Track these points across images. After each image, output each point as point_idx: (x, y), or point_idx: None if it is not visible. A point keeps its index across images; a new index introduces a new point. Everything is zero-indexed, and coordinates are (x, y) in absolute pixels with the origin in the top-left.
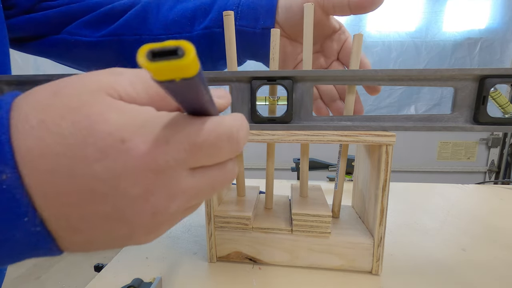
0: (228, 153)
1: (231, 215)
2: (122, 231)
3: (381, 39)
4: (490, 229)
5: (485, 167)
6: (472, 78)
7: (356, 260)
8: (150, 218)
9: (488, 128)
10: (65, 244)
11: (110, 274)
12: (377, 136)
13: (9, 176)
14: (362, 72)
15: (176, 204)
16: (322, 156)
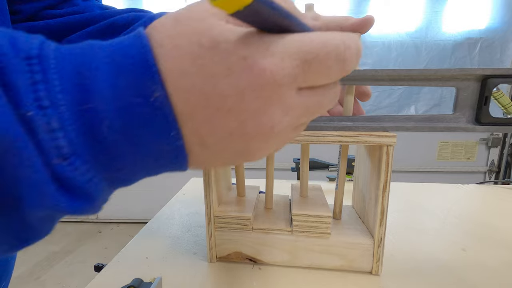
0: (334, 73)
1: (231, 216)
2: (242, 145)
3: (381, 39)
4: (490, 229)
5: (485, 167)
6: (474, 78)
7: (356, 261)
8: (267, 131)
9: (490, 128)
10: (192, 159)
11: (110, 274)
12: (378, 136)
13: (160, 93)
14: (362, 72)
15: (288, 119)
16: (322, 156)
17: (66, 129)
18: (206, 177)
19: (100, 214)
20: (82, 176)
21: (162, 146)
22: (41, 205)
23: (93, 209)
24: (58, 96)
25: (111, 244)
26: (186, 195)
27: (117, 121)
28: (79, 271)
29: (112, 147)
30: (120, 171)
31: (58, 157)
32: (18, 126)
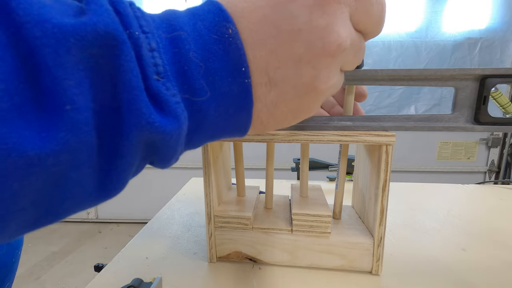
0: (375, 14)
1: (231, 215)
2: (310, 74)
3: (381, 39)
4: (490, 229)
5: (485, 167)
6: (473, 78)
7: (356, 260)
8: (335, 50)
9: (489, 128)
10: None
11: (110, 274)
12: (377, 136)
13: (233, 29)
14: (362, 72)
15: (350, 40)
16: (322, 156)
17: (161, 51)
18: (206, 176)
19: (100, 214)
20: (173, 97)
21: (232, 86)
22: (138, 123)
23: (179, 135)
24: (153, 27)
25: (111, 244)
26: (186, 195)
27: (198, 53)
28: (79, 271)
29: (192, 80)
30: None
31: (156, 73)
32: (126, 36)
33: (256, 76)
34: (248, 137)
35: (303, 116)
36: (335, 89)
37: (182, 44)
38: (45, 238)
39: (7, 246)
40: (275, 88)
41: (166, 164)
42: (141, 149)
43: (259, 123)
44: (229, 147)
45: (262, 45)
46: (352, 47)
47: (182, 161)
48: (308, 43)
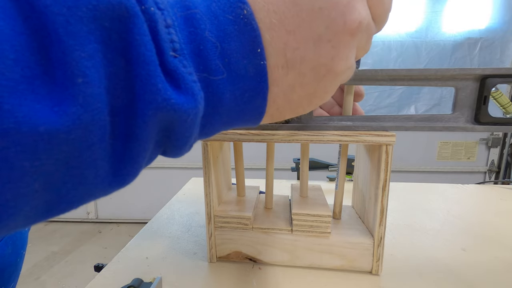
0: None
1: (231, 215)
2: (329, 54)
3: (381, 39)
4: (490, 229)
5: (485, 167)
6: (473, 78)
7: (356, 260)
8: (355, 28)
9: (489, 128)
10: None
11: (110, 274)
12: (377, 136)
13: (247, 9)
14: (362, 72)
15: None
16: (322, 156)
17: (177, 29)
18: (206, 176)
19: (100, 214)
20: (190, 75)
21: (248, 68)
22: (153, 100)
23: (195, 115)
24: (168, 5)
25: (111, 244)
26: (186, 195)
27: (213, 33)
28: (79, 271)
29: (208, 60)
30: (213, 95)
31: (172, 50)
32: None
33: (273, 58)
34: (248, 137)
35: (318, 102)
36: (349, 75)
37: (197, 23)
38: (45, 238)
39: (13, 246)
40: (292, 70)
41: (180, 150)
42: (156, 131)
43: (275, 109)
44: (229, 147)
45: (280, 25)
46: (367, 30)
47: (182, 161)
48: (329, 21)
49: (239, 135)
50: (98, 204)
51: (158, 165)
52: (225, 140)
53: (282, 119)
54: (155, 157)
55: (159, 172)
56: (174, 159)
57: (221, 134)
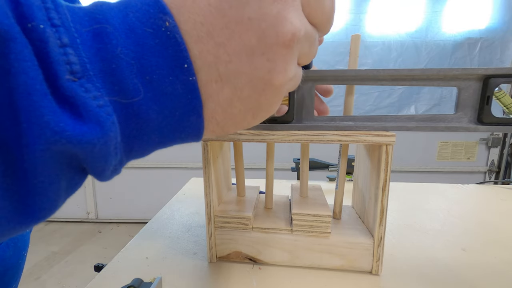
0: (327, 8)
1: (231, 215)
2: (265, 67)
3: (381, 39)
4: (490, 229)
5: (485, 167)
6: (476, 77)
7: (356, 260)
8: (289, 40)
9: (492, 128)
10: (207, 109)
11: (110, 274)
12: (377, 136)
13: (170, 21)
14: (363, 72)
15: (303, 32)
16: (322, 156)
17: (78, 47)
18: (206, 176)
19: (100, 214)
20: (94, 99)
21: (175, 84)
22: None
23: (105, 143)
24: (71, 20)
25: (111, 244)
26: (186, 195)
27: (129, 49)
28: (79, 271)
29: (123, 79)
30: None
31: (69, 73)
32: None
33: (204, 72)
34: (248, 137)
35: (264, 115)
36: (295, 84)
37: (108, 39)
38: (45, 238)
39: (14, 248)
40: (228, 84)
41: (102, 177)
42: (61, 161)
43: (215, 125)
44: (229, 147)
45: (208, 38)
46: (307, 39)
47: (182, 161)
48: (260, 33)
49: (239, 135)
50: (98, 204)
51: (158, 165)
52: (225, 140)
53: (226, 134)
54: (80, 182)
55: (159, 172)
56: (174, 159)
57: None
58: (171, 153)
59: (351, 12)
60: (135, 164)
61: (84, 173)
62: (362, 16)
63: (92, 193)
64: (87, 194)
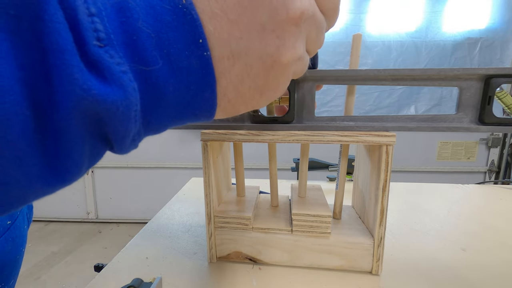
0: None
1: (231, 215)
2: (275, 44)
3: (381, 39)
4: (490, 229)
5: (485, 167)
6: (477, 77)
7: (356, 260)
8: (298, 18)
9: (493, 128)
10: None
11: (110, 274)
12: (377, 136)
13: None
14: (364, 72)
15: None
16: (322, 156)
17: (104, 18)
18: (206, 176)
19: (100, 214)
20: (118, 65)
21: (191, 59)
22: (71, 91)
23: (126, 107)
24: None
25: (111, 244)
26: (186, 195)
27: (149, 23)
28: (79, 271)
29: (143, 51)
30: (153, 88)
31: (96, 39)
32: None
33: (217, 49)
34: (248, 137)
35: (271, 94)
36: (302, 68)
37: (130, 13)
38: (45, 238)
39: (12, 243)
40: (239, 61)
41: (122, 145)
42: (87, 124)
43: (227, 102)
44: (229, 147)
45: (222, 15)
46: (315, 22)
47: (182, 161)
48: (271, 10)
49: (239, 135)
50: (98, 204)
51: (158, 165)
52: (225, 140)
53: (236, 113)
54: (102, 153)
55: (159, 172)
56: (174, 159)
57: (221, 134)
58: (171, 153)
59: (351, 12)
60: (135, 164)
61: (106, 143)
62: (362, 16)
63: (92, 193)
64: (87, 194)
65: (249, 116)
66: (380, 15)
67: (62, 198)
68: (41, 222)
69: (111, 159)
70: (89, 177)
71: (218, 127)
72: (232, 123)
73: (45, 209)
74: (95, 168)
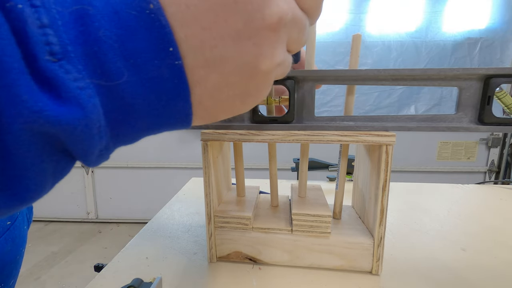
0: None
1: (231, 215)
2: (252, 52)
3: (381, 39)
4: (490, 229)
5: (485, 167)
6: (477, 77)
7: (356, 260)
8: (275, 24)
9: (493, 128)
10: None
11: (110, 274)
12: (377, 136)
13: (154, 4)
14: (364, 72)
15: (291, 15)
16: (322, 156)
17: (59, 28)
18: (206, 176)
19: (100, 214)
20: (75, 81)
21: (161, 69)
22: (19, 113)
23: (86, 126)
24: (52, 1)
25: (111, 244)
26: (186, 195)
27: (112, 32)
28: (79, 271)
29: (106, 63)
30: (120, 100)
31: (49, 54)
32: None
33: (190, 57)
34: (248, 137)
35: (253, 100)
36: (284, 70)
37: (90, 21)
38: (45, 238)
39: (12, 243)
40: (215, 70)
41: (88, 161)
42: (43, 143)
43: (203, 111)
44: (229, 147)
45: (194, 21)
46: (295, 24)
47: (182, 161)
48: (246, 16)
49: (239, 135)
50: (98, 204)
51: (158, 165)
52: (225, 140)
53: (215, 120)
54: (69, 166)
55: (159, 172)
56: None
57: (221, 134)
58: (171, 153)
59: (351, 12)
60: (135, 164)
61: (71, 158)
62: (362, 16)
63: (92, 193)
64: (87, 194)
65: (249, 116)
66: (380, 15)
67: (62, 198)
68: (41, 222)
69: (111, 159)
70: (89, 177)
71: (218, 127)
72: (232, 123)
73: (45, 209)
74: (95, 168)
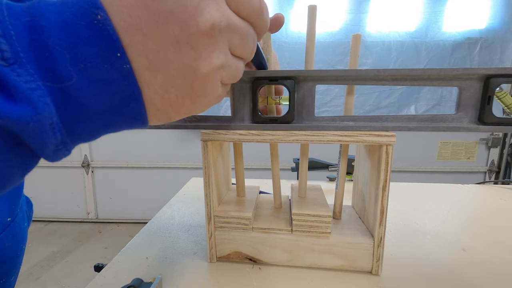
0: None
1: (231, 215)
2: (190, 55)
3: (381, 39)
4: (490, 229)
5: (485, 167)
6: (477, 77)
7: (356, 260)
8: (209, 30)
9: (493, 128)
10: (146, 95)
11: (110, 274)
12: (377, 136)
13: (102, 14)
14: (364, 72)
15: (225, 23)
16: (322, 156)
17: (12, 38)
18: (206, 176)
19: (100, 214)
20: (26, 83)
21: (111, 72)
22: None
23: (38, 122)
24: (4, 13)
25: (111, 244)
26: (186, 195)
27: (62, 40)
28: (79, 271)
29: (56, 67)
30: (72, 100)
31: (2, 59)
32: None
33: (136, 61)
34: (248, 137)
35: (203, 100)
36: (233, 74)
37: (41, 31)
38: (45, 238)
39: (12, 239)
40: (159, 72)
41: (46, 156)
42: (6, 137)
43: (156, 110)
44: (229, 147)
45: (136, 29)
46: (233, 30)
47: (182, 161)
48: (181, 24)
49: (239, 135)
50: (98, 204)
51: (158, 165)
52: (225, 140)
53: (170, 120)
54: (34, 160)
55: (159, 172)
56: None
57: (221, 134)
58: (171, 153)
59: (351, 12)
60: (135, 164)
61: (32, 156)
62: (362, 16)
63: (92, 193)
64: (87, 194)
65: (249, 116)
66: (380, 15)
67: (62, 198)
68: (41, 222)
69: (111, 159)
70: (89, 177)
71: (218, 127)
72: (232, 123)
73: (45, 209)
74: (95, 168)
